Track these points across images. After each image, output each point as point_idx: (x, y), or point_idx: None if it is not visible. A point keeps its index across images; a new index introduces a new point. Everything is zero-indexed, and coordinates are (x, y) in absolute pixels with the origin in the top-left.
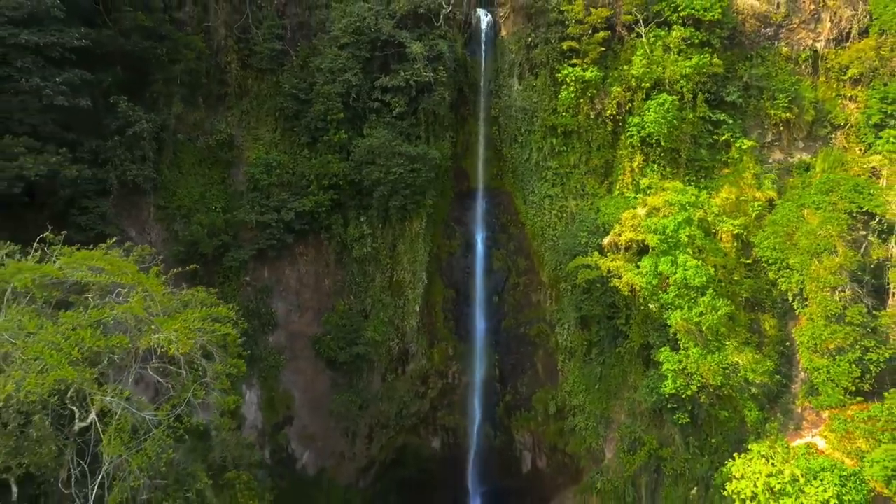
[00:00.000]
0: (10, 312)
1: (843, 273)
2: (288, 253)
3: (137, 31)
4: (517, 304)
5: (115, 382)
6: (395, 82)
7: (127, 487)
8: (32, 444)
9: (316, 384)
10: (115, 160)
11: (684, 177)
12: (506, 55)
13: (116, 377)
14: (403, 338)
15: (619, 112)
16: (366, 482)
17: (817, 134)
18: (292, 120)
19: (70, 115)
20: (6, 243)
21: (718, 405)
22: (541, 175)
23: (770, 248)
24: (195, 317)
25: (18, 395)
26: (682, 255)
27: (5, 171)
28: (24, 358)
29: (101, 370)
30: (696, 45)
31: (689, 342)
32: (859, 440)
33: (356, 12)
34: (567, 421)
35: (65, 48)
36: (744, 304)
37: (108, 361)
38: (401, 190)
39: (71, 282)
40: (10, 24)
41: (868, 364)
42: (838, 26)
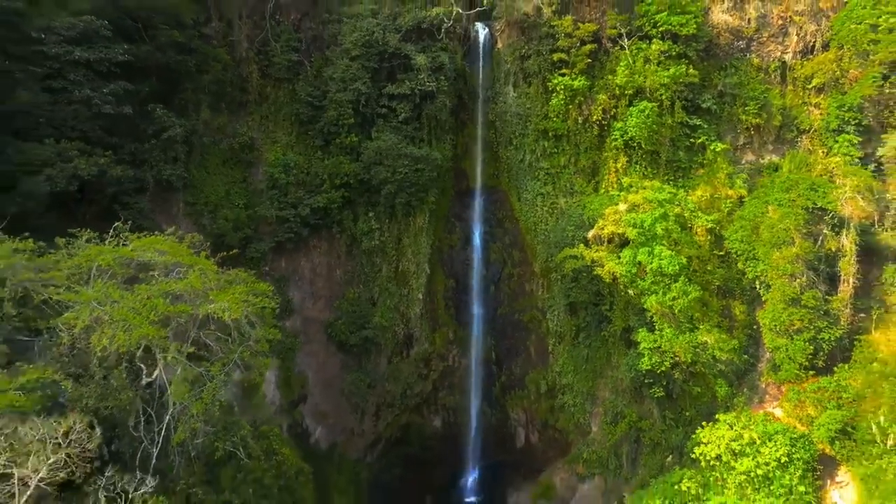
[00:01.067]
0: (96, 285)
1: (799, 262)
2: (303, 245)
3: (171, 46)
4: (512, 293)
5: (180, 342)
6: (401, 90)
7: (188, 428)
8: (114, 391)
9: (328, 366)
10: (151, 161)
11: (664, 177)
12: (501, 65)
13: (178, 339)
14: (408, 323)
15: (605, 117)
16: (373, 457)
17: (785, 137)
18: (307, 124)
19: (113, 121)
20: (84, 231)
21: (692, 381)
22: (533, 175)
23: (738, 241)
24: (240, 291)
25: (111, 348)
26: (658, 246)
27: (63, 171)
28: (114, 319)
29: (171, 331)
30: (674, 57)
31: (663, 323)
32: (809, 408)
33: (365, 27)
34: (557, 399)
35: (111, 62)
36: (716, 292)
37: (175, 325)
38: (406, 188)
39: (140, 261)
40: (65, 42)
41: (821, 343)
42: (804, 40)
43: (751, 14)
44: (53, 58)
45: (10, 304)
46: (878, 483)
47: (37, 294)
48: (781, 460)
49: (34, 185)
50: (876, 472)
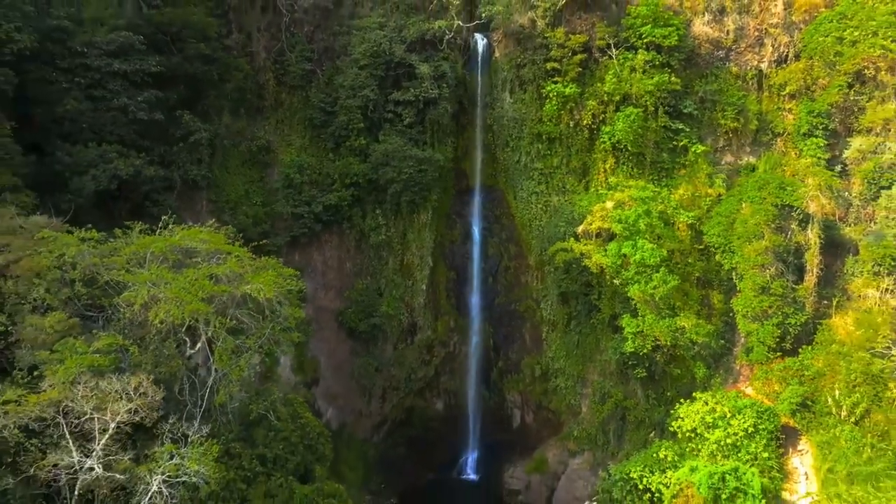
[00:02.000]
0: (151, 268)
1: (769, 254)
2: (316, 240)
3: (198, 57)
4: (508, 284)
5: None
6: (406, 97)
7: (227, 392)
8: (166, 359)
9: (338, 351)
10: (178, 162)
11: (649, 177)
12: (499, 73)
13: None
14: (412, 312)
15: (594, 122)
16: (379, 437)
17: (761, 140)
18: (319, 128)
19: (146, 126)
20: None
21: (673, 364)
22: (528, 175)
23: (716, 235)
24: (271, 275)
25: (168, 320)
26: (641, 240)
27: (106, 171)
28: (168, 297)
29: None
30: (658, 66)
31: (646, 310)
32: (775, 385)
33: (373, 38)
34: (550, 382)
35: (144, 73)
36: (697, 282)
37: (217, 303)
38: (410, 187)
39: (186, 248)
40: (105, 55)
41: (788, 327)
42: (778, 50)
43: (729, 26)
44: (95, 69)
45: (80, 285)
46: (832, 448)
47: (101, 276)
48: (749, 430)
49: (82, 184)
50: (830, 440)
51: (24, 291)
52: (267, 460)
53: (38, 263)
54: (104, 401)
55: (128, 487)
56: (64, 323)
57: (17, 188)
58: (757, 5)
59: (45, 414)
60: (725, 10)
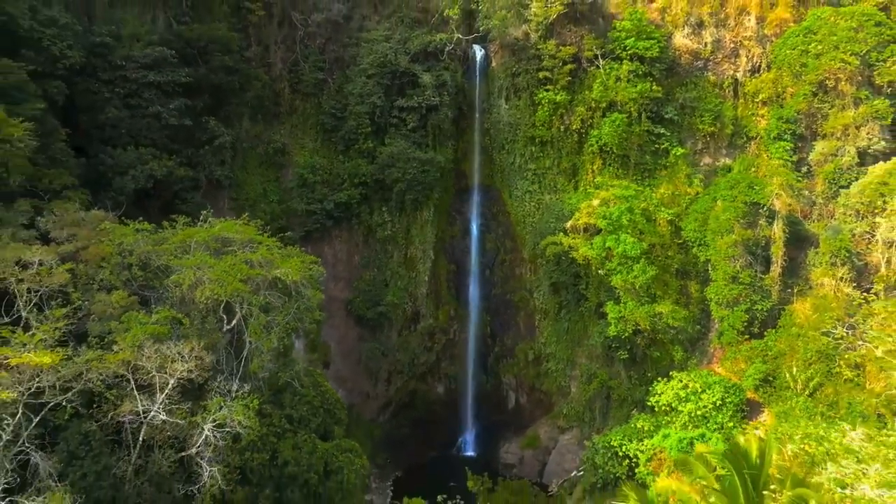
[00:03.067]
0: (196, 254)
1: (738, 247)
2: (327, 235)
3: (222, 68)
4: (504, 276)
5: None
6: (410, 103)
7: (260, 362)
8: (208, 332)
9: (347, 337)
10: (203, 163)
11: (633, 177)
12: (495, 81)
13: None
14: (415, 301)
15: (583, 126)
16: (385, 418)
17: (736, 143)
18: (330, 132)
19: (176, 131)
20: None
21: (653, 347)
22: (522, 175)
23: (692, 230)
24: (296, 261)
25: (213, 297)
26: (623, 234)
27: (143, 172)
28: (212, 278)
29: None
30: (641, 76)
31: (627, 297)
32: (742, 363)
33: (380, 50)
34: (542, 366)
35: (175, 83)
36: (676, 273)
37: (252, 285)
38: (414, 186)
39: (224, 238)
40: (141, 68)
41: (755, 312)
42: (752, 61)
43: (707, 39)
44: (132, 81)
45: (137, 268)
46: (788, 417)
47: (153, 261)
48: (717, 404)
49: (123, 183)
50: (787, 410)
51: (92, 273)
52: (293, 420)
53: (102, 250)
54: (165, 361)
55: (180, 437)
56: (126, 300)
57: (75, 187)
58: (732, 20)
59: (120, 370)
60: (703, 23)
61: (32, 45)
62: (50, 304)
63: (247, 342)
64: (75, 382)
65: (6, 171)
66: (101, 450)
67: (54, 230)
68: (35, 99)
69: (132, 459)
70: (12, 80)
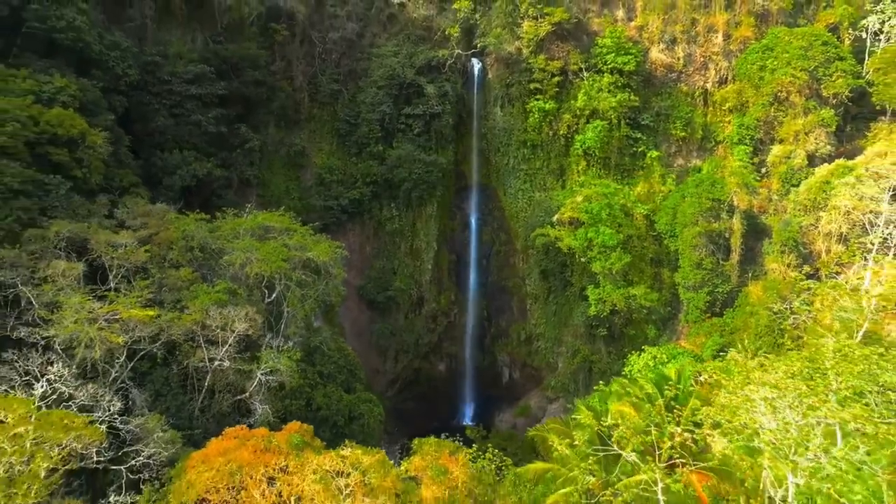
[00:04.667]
0: (244, 239)
1: (701, 237)
2: (342, 228)
3: (251, 81)
4: (499, 265)
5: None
6: (415, 111)
7: (296, 327)
8: (254, 302)
9: (359, 319)
10: (235, 165)
11: (613, 176)
12: (491, 91)
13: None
14: (420, 287)
15: (569, 132)
16: (392, 392)
17: (706, 147)
18: (345, 137)
19: (213, 136)
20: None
21: (629, 326)
22: (515, 175)
23: (664, 223)
24: (325, 245)
25: (260, 273)
26: (602, 226)
27: (188, 172)
28: (259, 258)
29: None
30: (620, 87)
31: (606, 281)
32: (703, 338)
33: (389, 64)
34: (533, 344)
35: (213, 95)
36: (650, 261)
37: (290, 264)
38: (419, 185)
39: (266, 226)
40: (184, 82)
41: (716, 294)
42: (719, 73)
43: (680, 54)
44: (177, 94)
45: (197, 250)
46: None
47: (210, 245)
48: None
49: (171, 182)
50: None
51: (163, 254)
52: (323, 375)
53: (169, 236)
54: (227, 321)
55: (237, 385)
56: (191, 275)
57: (138, 184)
58: (702, 37)
59: (192, 328)
60: (676, 40)
61: (101, 65)
62: (135, 277)
63: (285, 311)
64: (162, 335)
65: (89, 172)
66: (177, 390)
67: (128, 219)
68: (106, 111)
69: (199, 400)
70: (90, 97)
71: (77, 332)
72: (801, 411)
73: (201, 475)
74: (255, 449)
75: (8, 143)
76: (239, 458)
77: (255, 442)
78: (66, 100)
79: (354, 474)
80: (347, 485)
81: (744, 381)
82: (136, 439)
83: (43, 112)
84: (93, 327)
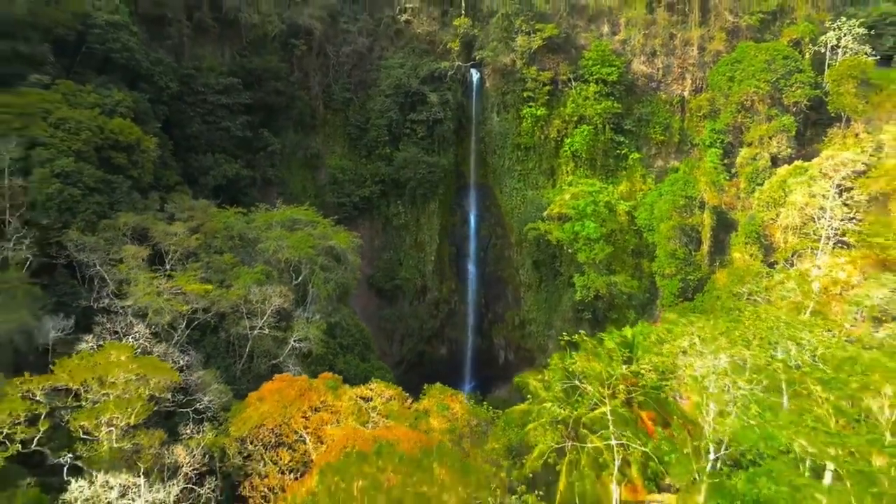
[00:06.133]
0: (276, 230)
1: (675, 230)
2: (353, 223)
3: (273, 91)
4: (496, 257)
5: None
6: (420, 117)
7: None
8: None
9: (368, 305)
10: (259, 166)
11: (598, 176)
12: (488, 99)
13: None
14: (424, 277)
15: (559, 136)
16: (398, 373)
17: (682, 149)
18: (356, 140)
19: (239, 140)
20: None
21: (612, 311)
22: (510, 175)
23: (644, 218)
24: (344, 235)
25: (291, 258)
26: (587, 221)
27: (220, 172)
28: (289, 245)
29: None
30: (605, 95)
31: (590, 270)
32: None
33: (396, 74)
34: (526, 328)
35: (240, 104)
36: (631, 253)
37: (316, 251)
38: (423, 184)
39: (294, 218)
40: (215, 93)
41: (688, 281)
42: (695, 83)
43: (659, 65)
44: (209, 103)
45: (236, 239)
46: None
47: (246, 234)
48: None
49: (206, 181)
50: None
51: (209, 241)
52: (343, 346)
53: (213, 226)
54: (265, 297)
55: (272, 351)
56: (232, 259)
57: (181, 183)
58: (679, 50)
59: (238, 301)
60: (656, 52)
61: (148, 79)
62: (187, 260)
63: (310, 291)
64: (213, 307)
65: (142, 172)
66: (224, 354)
67: (177, 213)
68: (153, 120)
69: (240, 363)
70: (141, 107)
71: (150, 301)
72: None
73: (258, 409)
74: (301, 389)
75: (83, 148)
76: (287, 395)
77: (299, 384)
78: (124, 110)
79: (379, 400)
80: (373, 407)
81: (681, 334)
82: (197, 389)
83: (107, 122)
84: (161, 298)
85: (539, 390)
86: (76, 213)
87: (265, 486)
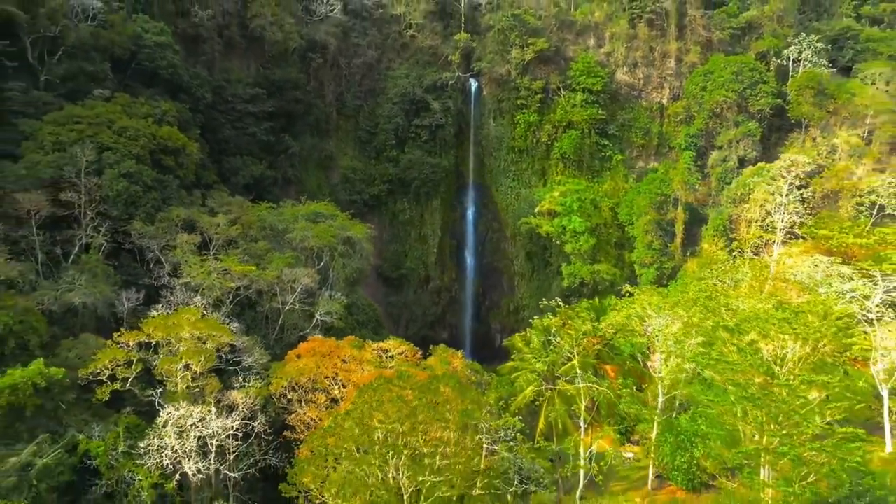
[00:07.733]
0: (301, 222)
1: (651, 224)
2: (363, 218)
3: (292, 100)
4: (492, 249)
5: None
6: (424, 122)
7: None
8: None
9: (377, 293)
10: (279, 166)
11: (585, 176)
12: (486, 106)
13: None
14: (427, 268)
15: (549, 139)
16: None
17: (661, 152)
18: (365, 144)
19: (263, 144)
20: (287, 200)
21: (596, 297)
22: (506, 175)
23: (625, 214)
24: (360, 226)
25: (315, 246)
26: (573, 216)
27: (248, 172)
28: (313, 235)
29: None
30: (590, 103)
31: (576, 260)
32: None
33: (402, 84)
34: (520, 314)
35: (264, 112)
36: (614, 245)
37: (336, 240)
38: (426, 183)
39: (316, 212)
40: (243, 101)
41: (663, 270)
42: (672, 91)
43: (640, 75)
44: (238, 111)
45: (268, 229)
46: None
47: (276, 226)
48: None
49: (237, 180)
50: None
51: (245, 231)
52: (358, 322)
53: (249, 219)
54: (294, 278)
55: (300, 325)
56: (266, 247)
57: (218, 182)
58: (658, 61)
59: (273, 281)
60: (637, 63)
61: (188, 91)
62: (228, 247)
63: (330, 275)
64: (253, 285)
65: (186, 173)
66: (260, 325)
67: (216, 207)
68: (194, 127)
69: (273, 335)
70: (184, 116)
71: (203, 279)
72: (667, 315)
73: (297, 364)
74: (331, 346)
75: (141, 152)
76: (321, 351)
77: (329, 343)
78: (170, 119)
79: (396, 351)
80: (391, 356)
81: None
82: (243, 351)
83: (157, 129)
84: (211, 276)
85: (522, 347)
86: (139, 207)
87: (308, 418)
